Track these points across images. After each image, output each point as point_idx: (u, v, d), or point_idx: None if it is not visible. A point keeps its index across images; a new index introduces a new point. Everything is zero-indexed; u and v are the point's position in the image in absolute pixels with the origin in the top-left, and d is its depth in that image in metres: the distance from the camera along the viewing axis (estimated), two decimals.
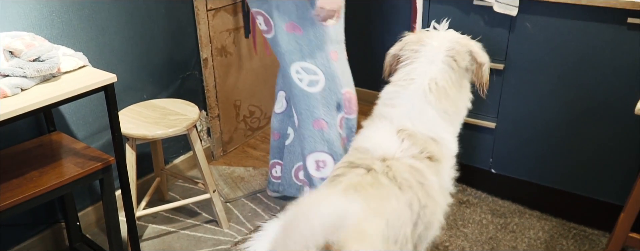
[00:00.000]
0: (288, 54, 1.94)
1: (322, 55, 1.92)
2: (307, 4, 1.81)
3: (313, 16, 1.83)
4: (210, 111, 2.75)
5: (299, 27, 1.87)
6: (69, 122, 2.11)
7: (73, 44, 2.02)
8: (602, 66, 1.95)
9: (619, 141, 2.01)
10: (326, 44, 1.91)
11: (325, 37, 1.90)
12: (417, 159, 1.44)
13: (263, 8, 1.93)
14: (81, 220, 2.22)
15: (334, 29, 1.93)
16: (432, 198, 1.43)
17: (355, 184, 1.36)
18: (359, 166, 1.43)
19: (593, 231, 2.21)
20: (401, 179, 1.38)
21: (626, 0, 1.80)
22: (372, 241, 1.24)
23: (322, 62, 1.93)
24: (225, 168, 2.81)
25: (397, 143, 1.46)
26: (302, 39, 1.89)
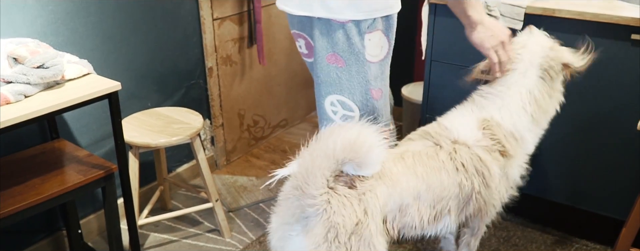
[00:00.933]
0: (325, 84, 1.76)
1: (362, 92, 1.74)
2: (354, 38, 1.64)
3: (496, 72, 1.67)
4: (214, 120, 2.76)
5: (341, 60, 1.69)
6: (73, 129, 2.12)
7: (78, 52, 2.03)
8: (605, 82, 1.95)
9: (622, 157, 2.00)
10: (369, 82, 1.73)
11: (369, 74, 1.72)
12: (487, 151, 1.55)
13: (306, 32, 1.78)
14: (83, 228, 2.22)
15: (380, 66, 1.75)
16: (489, 188, 1.56)
17: (415, 152, 1.53)
18: (431, 138, 1.58)
19: (595, 245, 2.20)
20: (459, 163, 1.52)
21: (630, 17, 1.80)
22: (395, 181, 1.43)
23: (361, 100, 1.75)
24: (229, 177, 2.81)
25: (475, 132, 1.57)
26: (343, 72, 1.71)
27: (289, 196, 1.36)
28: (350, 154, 1.27)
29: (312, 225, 1.33)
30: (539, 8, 1.96)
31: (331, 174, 1.31)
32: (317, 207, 1.30)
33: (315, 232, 1.32)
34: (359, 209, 1.35)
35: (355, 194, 1.36)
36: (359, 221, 1.34)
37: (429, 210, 1.51)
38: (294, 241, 1.36)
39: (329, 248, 1.32)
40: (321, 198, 1.30)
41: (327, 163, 1.28)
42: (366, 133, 1.29)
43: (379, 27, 1.64)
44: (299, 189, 1.31)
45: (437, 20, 2.21)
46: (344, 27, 1.60)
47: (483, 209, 1.60)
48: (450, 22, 2.19)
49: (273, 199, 2.57)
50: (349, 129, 1.29)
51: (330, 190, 1.33)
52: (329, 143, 1.27)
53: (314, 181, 1.28)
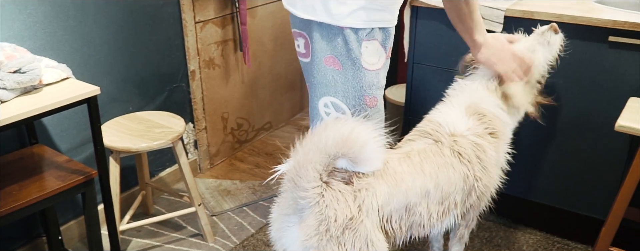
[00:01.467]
0: (320, 86, 1.79)
1: (356, 97, 1.77)
2: (352, 43, 1.68)
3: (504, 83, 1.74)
4: (197, 123, 2.74)
5: (339, 63, 1.72)
6: (52, 134, 2.10)
7: (57, 56, 2.01)
8: (584, 83, 1.97)
9: (601, 157, 2.03)
10: (364, 88, 1.76)
11: (364, 81, 1.75)
12: (480, 137, 1.62)
13: (307, 31, 1.81)
14: (63, 234, 2.20)
15: (376, 75, 1.78)
16: (487, 172, 1.61)
17: (420, 150, 1.57)
18: (430, 135, 1.63)
19: (576, 245, 2.22)
20: (463, 154, 1.57)
21: (607, 19, 1.82)
22: (398, 181, 1.46)
23: (354, 104, 1.79)
24: (212, 180, 2.80)
25: (465, 121, 1.64)
26: (339, 74, 1.74)
27: (286, 188, 1.40)
28: (343, 149, 1.29)
29: (306, 216, 1.36)
30: (518, 11, 1.98)
31: (324, 168, 1.33)
32: (309, 200, 1.34)
33: (308, 224, 1.36)
34: (353, 205, 1.37)
35: (350, 190, 1.38)
36: (352, 216, 1.36)
37: (437, 207, 1.55)
38: (290, 232, 1.41)
39: (320, 240, 1.35)
40: (313, 191, 1.33)
41: (319, 157, 1.30)
42: (360, 129, 1.31)
43: (377, 38, 1.69)
44: (292, 182, 1.35)
45: (419, 23, 2.22)
46: (343, 32, 1.66)
47: (481, 197, 1.65)
48: (432, 25, 2.21)
49: (257, 203, 2.57)
50: (343, 124, 1.30)
51: (325, 184, 1.36)
52: (321, 137, 1.29)
53: (305, 174, 1.31)
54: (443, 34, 2.19)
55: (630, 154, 1.95)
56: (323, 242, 1.36)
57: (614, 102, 1.93)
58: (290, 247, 1.43)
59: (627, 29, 1.80)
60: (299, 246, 1.39)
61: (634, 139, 1.93)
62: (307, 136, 1.33)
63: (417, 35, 2.25)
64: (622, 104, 1.88)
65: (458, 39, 2.16)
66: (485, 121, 1.64)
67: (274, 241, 1.49)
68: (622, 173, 1.99)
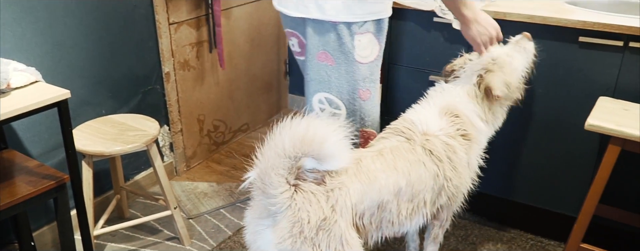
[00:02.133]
0: (314, 82, 1.81)
1: (350, 91, 1.80)
2: (345, 38, 1.70)
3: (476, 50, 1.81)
4: (173, 125, 2.72)
5: (331, 58, 1.74)
6: (22, 139, 2.06)
7: (26, 59, 1.97)
8: (555, 83, 2.00)
9: (573, 155, 2.06)
10: (358, 82, 1.79)
11: (358, 74, 1.78)
12: (452, 137, 1.64)
13: (298, 30, 1.83)
14: (36, 240, 2.16)
15: (369, 67, 1.79)
16: (458, 173, 1.63)
17: (393, 147, 1.58)
18: (403, 134, 1.64)
19: (549, 241, 2.26)
20: (434, 153, 1.59)
21: (577, 20, 1.86)
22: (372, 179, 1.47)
23: (348, 99, 1.81)
24: (189, 183, 2.77)
25: (438, 122, 1.65)
26: (333, 70, 1.76)
27: (257, 195, 1.40)
28: (302, 149, 1.28)
29: (279, 219, 1.36)
30: (491, 12, 2.00)
31: (288, 172, 1.32)
32: (280, 205, 1.34)
33: (281, 226, 1.36)
34: (325, 205, 1.38)
35: (322, 190, 1.38)
36: (325, 217, 1.36)
37: (407, 205, 1.56)
38: (264, 235, 1.41)
39: (294, 242, 1.35)
40: (282, 196, 1.33)
41: (279, 161, 1.29)
42: (316, 126, 1.29)
43: (370, 30, 1.71)
44: (259, 190, 1.35)
45: (394, 24, 2.23)
46: (336, 27, 1.67)
47: (452, 198, 1.67)
48: (407, 26, 2.22)
49: (234, 205, 2.56)
50: (296, 124, 1.29)
51: (295, 187, 1.35)
52: (277, 141, 1.28)
53: (270, 181, 1.31)
54: (418, 35, 2.20)
55: (600, 153, 1.99)
56: (297, 244, 1.36)
57: (585, 101, 1.96)
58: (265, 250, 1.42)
59: (597, 29, 1.84)
60: (273, 250, 1.39)
61: (603, 138, 1.96)
62: (266, 142, 1.32)
63: (393, 37, 2.26)
64: (592, 103, 1.91)
65: (433, 40, 2.18)
66: (458, 122, 1.66)
67: (249, 245, 1.48)
68: (593, 170, 2.03)
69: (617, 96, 1.90)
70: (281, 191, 1.33)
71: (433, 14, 2.12)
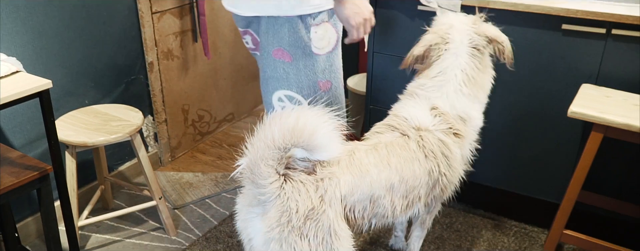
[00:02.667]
0: (272, 80, 1.76)
1: (310, 85, 1.76)
2: (300, 32, 1.66)
3: (346, 40, 1.68)
4: (157, 115, 2.70)
5: (288, 54, 1.70)
6: (5, 129, 2.03)
7: (7, 49, 1.94)
8: (539, 71, 2.02)
9: (556, 142, 2.08)
10: (316, 74, 1.75)
11: (316, 67, 1.73)
12: (445, 134, 1.64)
13: (252, 28, 1.79)
14: (20, 231, 2.14)
15: (328, 58, 1.75)
16: (452, 168, 1.65)
17: (387, 142, 1.58)
18: (397, 129, 1.64)
19: (533, 228, 2.29)
20: (428, 150, 1.60)
21: (560, 8, 1.87)
22: (364, 172, 1.48)
23: (309, 93, 1.77)
24: (174, 173, 2.76)
25: (431, 118, 1.65)
26: (291, 67, 1.72)
27: (247, 184, 1.40)
28: (292, 139, 1.28)
29: (268, 208, 1.37)
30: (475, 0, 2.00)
31: (277, 162, 1.33)
32: (269, 194, 1.34)
33: (270, 215, 1.36)
34: (314, 195, 1.38)
35: (312, 180, 1.39)
36: (313, 207, 1.37)
37: (401, 201, 1.57)
38: (254, 223, 1.42)
39: (282, 231, 1.36)
40: (272, 186, 1.34)
41: (268, 152, 1.30)
42: (306, 117, 1.30)
43: (325, 19, 1.67)
44: (249, 181, 1.35)
45: (378, 12, 2.23)
46: (290, 21, 1.62)
47: (445, 189, 1.69)
48: (391, 15, 2.22)
49: (219, 195, 2.55)
50: (287, 115, 1.29)
51: (284, 176, 1.36)
52: (267, 132, 1.28)
53: (259, 172, 1.31)
54: (402, 23, 2.20)
55: (582, 140, 2.02)
56: (285, 233, 1.36)
57: (567, 89, 1.98)
58: (254, 238, 1.43)
59: (579, 17, 1.85)
60: (261, 238, 1.39)
61: (586, 125, 1.99)
62: (255, 133, 1.32)
63: (377, 25, 2.25)
64: (575, 90, 1.93)
65: (417, 28, 2.18)
66: (449, 120, 1.65)
67: (240, 231, 1.49)
68: (576, 157, 2.06)
69: (600, 83, 1.92)
70: (270, 181, 1.33)
71: (417, 2, 2.12)
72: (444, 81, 1.68)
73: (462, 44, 1.68)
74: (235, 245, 2.20)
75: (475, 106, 1.72)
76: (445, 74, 1.68)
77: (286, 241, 1.37)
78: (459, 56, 1.68)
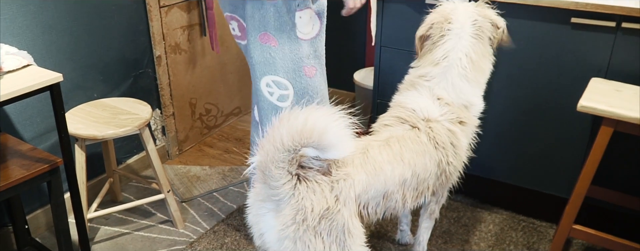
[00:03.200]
0: (259, 65, 1.79)
1: (296, 69, 1.79)
2: (285, 16, 1.70)
3: (343, 12, 1.77)
4: (165, 109, 2.70)
5: (274, 39, 1.73)
6: (15, 122, 2.04)
7: (18, 43, 1.95)
8: (547, 64, 2.01)
9: (565, 137, 2.08)
10: (302, 59, 1.78)
11: (301, 52, 1.77)
12: (453, 123, 1.65)
13: (237, 13, 1.82)
14: (30, 223, 2.16)
15: (312, 44, 1.79)
16: (458, 156, 1.67)
17: (399, 137, 1.58)
18: (407, 121, 1.64)
19: (541, 223, 2.28)
20: (438, 141, 1.61)
21: (569, 1, 1.86)
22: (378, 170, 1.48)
23: (294, 77, 1.80)
24: (181, 167, 2.77)
25: (438, 108, 1.66)
26: (276, 51, 1.75)
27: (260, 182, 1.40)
28: (302, 140, 1.27)
29: (283, 206, 1.37)
30: None
31: (289, 163, 1.32)
32: (283, 195, 1.34)
33: (285, 213, 1.37)
34: (330, 195, 1.38)
35: (327, 180, 1.39)
36: (329, 206, 1.37)
37: (412, 193, 1.59)
38: (266, 219, 1.42)
39: (296, 229, 1.36)
40: (285, 187, 1.33)
41: (278, 155, 1.29)
42: (315, 117, 1.28)
43: (309, 6, 1.70)
44: (262, 181, 1.35)
45: (385, 7, 2.22)
46: (275, 5, 1.66)
47: (450, 177, 1.70)
48: (398, 8, 2.21)
49: (227, 188, 2.56)
50: (295, 117, 1.28)
51: (298, 176, 1.35)
52: (275, 135, 1.28)
53: (270, 174, 1.31)
54: (410, 17, 2.20)
55: (592, 134, 2.01)
56: (300, 232, 1.36)
57: (577, 83, 1.97)
58: (266, 233, 1.43)
59: (589, 10, 1.84)
60: (275, 235, 1.39)
61: (595, 119, 1.98)
62: (266, 134, 1.31)
63: (384, 19, 2.25)
64: (584, 84, 1.93)
65: None
66: (454, 110, 1.66)
67: (250, 225, 1.49)
68: (585, 152, 2.05)
69: (610, 77, 1.91)
70: (283, 182, 1.33)
71: None
72: (448, 66, 1.67)
73: (465, 25, 1.67)
74: (243, 238, 2.21)
75: (476, 91, 1.72)
76: (449, 59, 1.67)
77: (301, 240, 1.37)
78: (462, 38, 1.67)
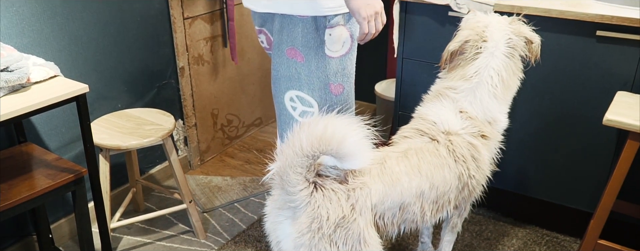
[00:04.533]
0: (284, 79, 1.76)
1: (322, 87, 1.74)
2: (314, 32, 1.67)
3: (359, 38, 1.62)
4: (187, 120, 2.73)
5: (301, 54, 1.70)
6: (41, 133, 2.08)
7: (44, 54, 1.99)
8: (572, 77, 1.99)
9: (589, 150, 2.05)
10: (328, 77, 1.72)
11: (329, 69, 1.72)
12: (474, 137, 1.64)
13: (266, 27, 1.82)
14: (54, 233, 2.19)
15: (341, 61, 1.73)
16: (481, 170, 1.65)
17: (418, 149, 1.57)
18: (426, 134, 1.63)
19: (565, 237, 2.24)
20: (458, 154, 1.59)
21: (595, 14, 1.84)
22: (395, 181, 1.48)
23: (320, 95, 1.75)
24: (203, 177, 2.79)
25: (460, 121, 1.64)
26: (303, 67, 1.72)
27: (277, 189, 1.41)
28: (321, 148, 1.28)
29: (299, 214, 1.37)
30: (507, 5, 1.99)
31: (307, 170, 1.33)
32: (299, 202, 1.35)
33: (301, 221, 1.37)
34: (345, 204, 1.38)
35: (344, 189, 1.39)
36: (344, 215, 1.37)
37: (431, 206, 1.57)
38: (283, 226, 1.42)
39: (312, 238, 1.36)
40: (301, 194, 1.34)
41: (297, 160, 1.30)
42: (335, 125, 1.29)
43: (341, 23, 1.67)
44: (279, 188, 1.37)
45: (408, 18, 2.22)
46: (304, 21, 1.64)
47: (473, 191, 1.68)
48: (421, 20, 2.21)
49: (248, 199, 2.57)
50: (315, 124, 1.29)
51: (315, 184, 1.36)
52: (296, 140, 1.29)
53: (288, 180, 1.32)
54: (433, 29, 2.19)
55: (617, 148, 1.98)
56: (315, 240, 1.36)
57: (602, 96, 1.95)
58: (283, 241, 1.44)
59: (614, 23, 1.82)
60: (291, 243, 1.40)
61: (621, 133, 1.95)
62: (286, 140, 1.32)
63: (407, 31, 2.25)
64: (610, 98, 1.90)
65: (448, 34, 2.17)
66: (477, 124, 1.65)
67: (269, 233, 1.50)
68: (610, 166, 2.02)
69: (636, 91, 1.88)
70: (300, 188, 1.34)
71: (448, 8, 2.11)
72: (479, 83, 1.66)
73: (500, 44, 1.66)
74: (264, 249, 2.22)
75: (503, 108, 1.71)
76: (480, 75, 1.66)
77: (315, 248, 1.37)
78: (495, 57, 1.66)
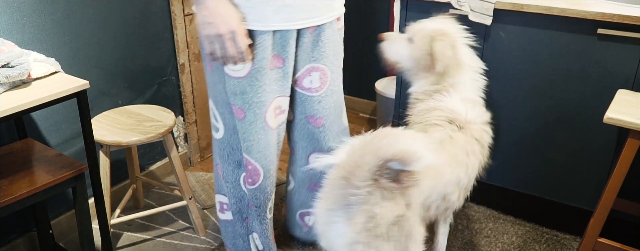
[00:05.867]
0: (209, 84, 1.68)
1: (224, 104, 1.61)
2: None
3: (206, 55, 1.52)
4: (188, 116, 2.73)
5: (209, 63, 1.59)
6: (41, 128, 2.08)
7: (45, 50, 1.99)
8: (573, 75, 1.99)
9: (589, 149, 2.05)
10: (228, 95, 1.57)
11: (227, 88, 1.56)
12: (485, 124, 1.72)
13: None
14: (54, 229, 2.19)
15: (239, 83, 1.55)
16: (484, 156, 1.73)
17: (451, 138, 1.63)
18: (453, 122, 1.68)
19: (565, 235, 2.25)
20: (482, 141, 1.68)
21: (596, 12, 1.84)
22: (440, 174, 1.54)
23: (223, 112, 1.65)
24: (203, 174, 2.79)
25: (472, 110, 1.71)
26: (209, 76, 1.64)
27: (334, 184, 1.39)
28: (399, 160, 1.29)
29: (354, 213, 1.36)
30: (508, 3, 1.98)
31: (378, 170, 1.32)
32: (359, 197, 1.34)
33: (356, 221, 1.36)
34: (401, 202, 1.39)
35: (399, 187, 1.39)
36: (401, 214, 1.38)
37: (464, 192, 1.66)
38: (337, 227, 1.41)
39: (367, 236, 1.36)
40: (364, 190, 1.33)
41: (375, 161, 1.29)
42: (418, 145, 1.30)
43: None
44: (344, 179, 1.34)
45: (409, 16, 2.22)
46: None
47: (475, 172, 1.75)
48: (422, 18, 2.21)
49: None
50: (404, 137, 1.30)
51: (374, 182, 1.35)
52: (382, 144, 1.28)
53: (359, 174, 1.31)
54: None
55: (618, 146, 1.98)
56: (370, 238, 1.37)
57: (603, 94, 1.95)
58: (336, 241, 1.43)
59: (615, 21, 1.82)
60: (346, 241, 1.39)
61: (622, 131, 1.95)
62: (365, 137, 1.33)
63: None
64: (610, 96, 1.90)
65: None
66: (484, 111, 1.74)
67: (319, 236, 1.48)
68: (611, 164, 2.02)
69: (637, 89, 1.88)
70: (365, 184, 1.33)
71: (449, 6, 2.11)
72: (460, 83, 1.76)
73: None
74: None
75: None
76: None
77: (371, 245, 1.38)
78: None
